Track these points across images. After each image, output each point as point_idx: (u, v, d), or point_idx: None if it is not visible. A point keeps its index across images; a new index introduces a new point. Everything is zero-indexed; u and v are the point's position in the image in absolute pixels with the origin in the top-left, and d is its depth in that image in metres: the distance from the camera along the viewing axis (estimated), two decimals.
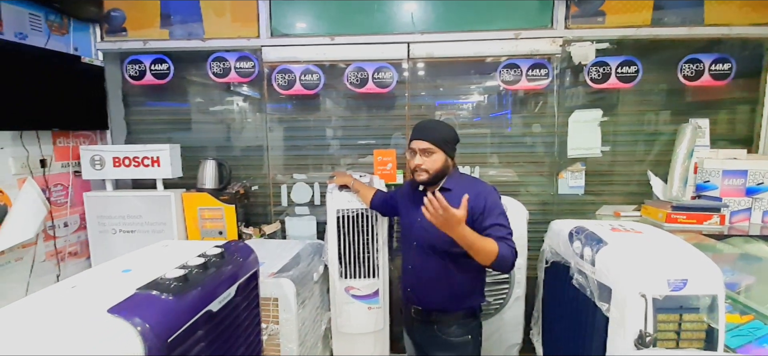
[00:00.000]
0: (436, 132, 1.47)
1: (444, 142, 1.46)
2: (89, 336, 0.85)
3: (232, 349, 1.24)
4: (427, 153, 1.44)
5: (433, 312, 1.50)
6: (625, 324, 1.07)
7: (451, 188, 1.47)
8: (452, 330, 1.47)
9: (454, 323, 1.47)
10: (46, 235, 2.06)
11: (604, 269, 1.16)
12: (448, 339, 1.47)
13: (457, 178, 1.51)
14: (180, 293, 1.01)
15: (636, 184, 2.35)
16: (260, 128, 2.49)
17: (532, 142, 2.40)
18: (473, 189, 1.41)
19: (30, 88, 1.87)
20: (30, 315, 0.92)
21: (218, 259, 1.24)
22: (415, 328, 1.61)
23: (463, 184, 1.46)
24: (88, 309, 0.93)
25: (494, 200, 1.41)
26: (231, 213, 2.25)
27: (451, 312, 1.48)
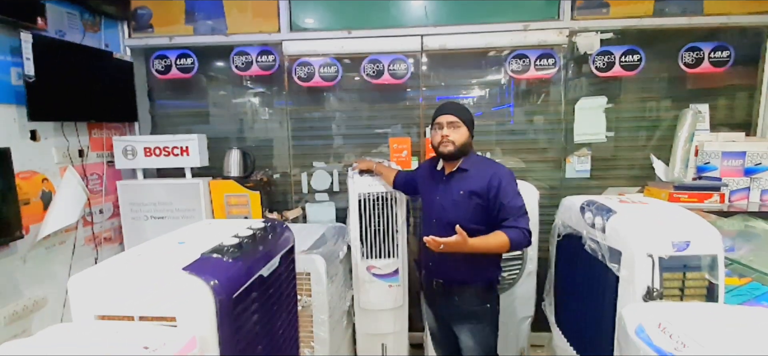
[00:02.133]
0: (462, 108, 1.60)
1: (468, 119, 1.60)
2: (172, 290, 0.98)
3: (277, 314, 1.37)
4: (454, 126, 1.56)
5: (454, 284, 1.62)
6: (635, 281, 1.19)
7: (467, 169, 1.58)
8: (471, 300, 1.59)
9: (473, 294, 1.59)
10: (84, 221, 2.18)
11: (614, 234, 1.28)
12: (469, 309, 1.60)
13: (474, 160, 1.61)
14: (238, 257, 1.13)
15: (639, 168, 2.47)
16: (281, 119, 2.61)
17: (540, 129, 2.52)
18: (488, 170, 1.53)
19: (70, 81, 1.99)
20: (114, 275, 1.05)
21: (263, 232, 1.37)
22: (436, 300, 1.74)
23: (479, 165, 1.58)
24: (164, 269, 1.05)
25: (508, 181, 1.50)
26: (256, 199, 2.37)
27: (470, 284, 1.59)
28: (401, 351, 2.30)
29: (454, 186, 1.58)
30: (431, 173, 1.73)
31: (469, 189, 1.53)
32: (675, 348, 0.92)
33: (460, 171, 1.59)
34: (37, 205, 1.90)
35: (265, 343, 1.26)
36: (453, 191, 1.58)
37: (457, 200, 1.56)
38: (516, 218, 1.45)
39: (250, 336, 1.15)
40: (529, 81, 2.46)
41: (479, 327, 1.61)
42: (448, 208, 1.58)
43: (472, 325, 1.61)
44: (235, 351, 1.06)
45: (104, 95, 2.22)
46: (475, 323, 1.61)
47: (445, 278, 1.64)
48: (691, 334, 0.93)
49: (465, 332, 1.62)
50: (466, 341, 1.62)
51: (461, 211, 1.53)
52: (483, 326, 1.61)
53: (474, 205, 1.53)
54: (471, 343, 1.61)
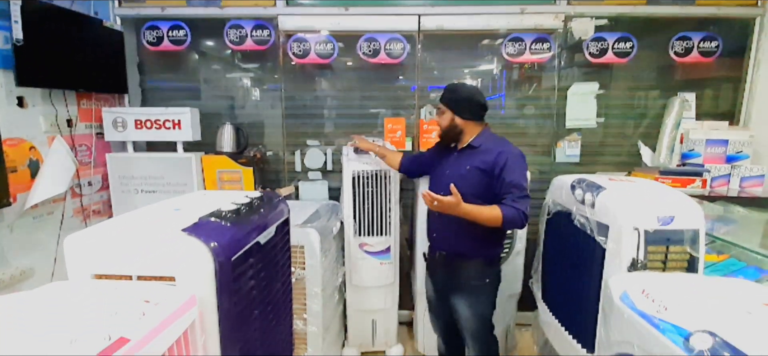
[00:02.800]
0: (448, 93, 1.66)
1: (454, 103, 1.63)
2: (171, 250, 0.99)
3: (272, 281, 1.39)
4: (440, 112, 1.65)
5: (455, 257, 1.67)
6: (621, 254, 1.24)
7: (478, 146, 1.61)
8: (471, 273, 1.64)
9: (474, 268, 1.64)
10: (73, 193, 2.15)
11: (603, 209, 1.33)
12: (468, 282, 1.65)
13: (486, 137, 1.63)
14: (236, 222, 1.14)
15: (627, 154, 2.54)
16: (275, 96, 2.58)
17: (531, 116, 2.55)
18: (497, 148, 1.56)
19: (59, 48, 1.94)
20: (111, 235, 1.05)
21: (259, 202, 1.37)
22: (437, 271, 1.78)
23: (490, 143, 1.60)
24: (162, 231, 1.05)
25: (514, 161, 1.52)
26: (249, 175, 2.36)
27: (470, 258, 1.64)
28: (391, 327, 2.35)
29: (463, 162, 1.63)
30: (441, 150, 1.79)
31: (476, 165, 1.57)
32: (657, 310, 0.96)
33: (471, 147, 1.63)
34: (24, 173, 1.86)
35: (261, 309, 1.28)
36: (461, 166, 1.62)
37: (464, 174, 1.60)
38: (515, 198, 1.47)
39: (246, 301, 1.16)
40: (521, 72, 2.50)
41: (478, 300, 1.66)
42: (455, 182, 1.60)
43: (470, 298, 1.66)
44: (232, 313, 1.08)
45: (93, 64, 2.17)
46: (475, 296, 1.66)
47: (448, 250, 1.69)
48: (672, 299, 0.98)
49: (463, 304, 1.67)
50: (463, 312, 1.67)
51: (466, 185, 1.55)
52: (481, 299, 1.67)
53: (479, 181, 1.57)
54: (468, 314, 1.66)
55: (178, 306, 0.85)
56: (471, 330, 1.70)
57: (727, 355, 0.75)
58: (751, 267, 1.40)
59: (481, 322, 1.68)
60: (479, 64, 2.56)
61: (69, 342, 0.63)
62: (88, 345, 0.63)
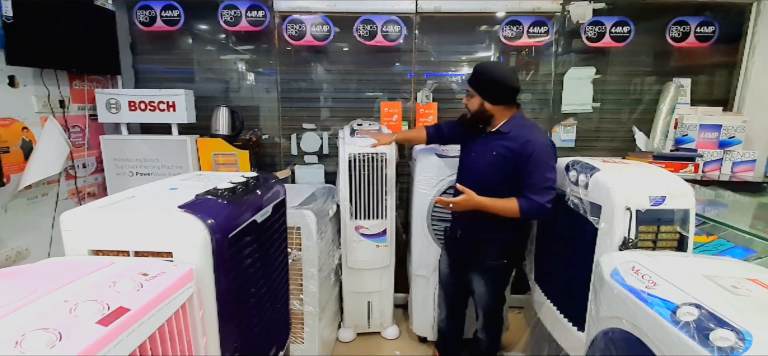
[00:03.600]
0: (476, 76, 1.61)
1: (482, 87, 1.59)
2: (169, 226, 0.99)
3: (269, 260, 1.40)
4: (469, 95, 1.64)
5: (474, 238, 1.69)
6: (613, 233, 1.26)
7: (507, 131, 1.57)
8: (490, 254, 1.67)
9: (492, 249, 1.67)
10: (67, 174, 2.14)
11: (596, 189, 1.35)
12: (485, 262, 1.69)
13: (516, 123, 1.58)
14: (232, 200, 1.15)
15: (621, 139, 2.56)
16: (270, 78, 2.56)
17: (527, 101, 2.56)
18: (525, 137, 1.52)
19: (50, 26, 1.90)
20: (108, 211, 1.05)
21: (255, 182, 1.38)
22: (455, 247, 1.82)
23: (519, 130, 1.55)
24: (160, 207, 1.06)
25: (540, 154, 1.47)
26: (245, 158, 2.36)
27: (489, 240, 1.66)
28: (386, 309, 2.38)
29: (490, 146, 1.60)
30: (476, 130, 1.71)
31: (502, 153, 1.55)
32: (646, 286, 0.99)
33: (499, 133, 1.60)
34: (17, 154, 1.85)
35: (258, 287, 1.29)
36: (488, 151, 1.61)
37: (490, 160, 1.59)
38: (535, 191, 1.47)
39: (243, 278, 1.17)
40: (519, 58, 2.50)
41: (493, 279, 1.72)
42: (480, 166, 1.63)
43: (486, 275, 1.71)
44: (229, 289, 1.09)
45: (85, 44, 2.13)
46: (491, 275, 1.71)
47: (467, 231, 1.72)
48: (661, 276, 1.00)
49: (478, 280, 1.73)
50: (478, 289, 1.74)
51: (491, 171, 1.59)
52: (497, 279, 1.72)
53: (504, 168, 1.56)
54: (483, 291, 1.73)
55: (175, 280, 0.86)
56: (484, 305, 1.77)
57: (712, 325, 0.77)
58: (738, 248, 1.43)
59: (493, 299, 1.74)
60: (476, 49, 2.55)
61: (68, 310, 0.64)
62: (88, 313, 0.64)
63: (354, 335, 2.39)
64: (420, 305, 2.28)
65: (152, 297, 0.76)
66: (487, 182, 1.58)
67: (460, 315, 1.99)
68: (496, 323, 1.84)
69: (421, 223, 2.13)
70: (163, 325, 0.80)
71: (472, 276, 1.75)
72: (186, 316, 0.90)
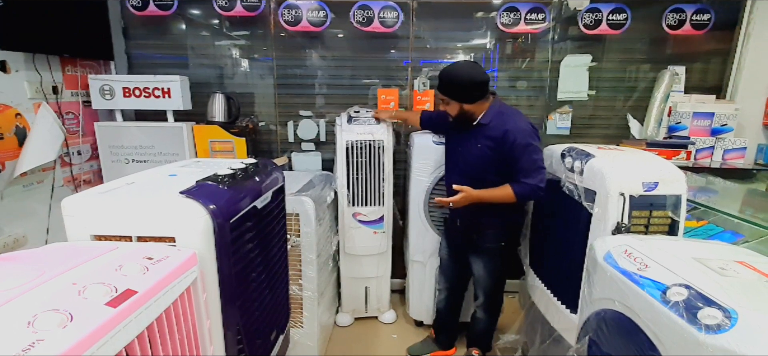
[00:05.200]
0: (447, 85, 1.64)
1: (454, 92, 1.64)
2: (171, 212, 1.00)
3: (269, 246, 1.41)
4: (446, 102, 1.67)
5: (473, 225, 1.75)
6: (606, 218, 1.29)
7: (487, 123, 1.64)
8: (489, 237, 1.74)
9: (491, 233, 1.73)
10: (62, 161, 2.12)
11: (591, 175, 1.37)
12: (485, 246, 1.76)
13: (495, 112, 1.64)
14: (233, 186, 1.15)
15: (616, 127, 2.59)
16: (266, 65, 2.54)
17: (523, 89, 2.57)
18: (504, 125, 1.58)
19: (39, 9, 1.87)
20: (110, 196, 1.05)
21: (255, 168, 1.38)
22: (454, 233, 1.90)
23: (498, 119, 1.62)
24: (161, 193, 1.06)
25: (522, 139, 1.55)
26: (241, 145, 2.35)
27: (488, 226, 1.72)
28: (384, 293, 2.42)
29: (475, 139, 1.67)
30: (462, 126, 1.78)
31: (486, 143, 1.62)
32: (638, 268, 1.02)
33: (480, 125, 1.66)
34: (11, 141, 1.83)
35: (258, 272, 1.31)
36: (473, 144, 1.67)
37: (477, 153, 1.66)
38: (526, 174, 1.55)
39: (244, 263, 1.19)
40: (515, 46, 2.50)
41: (493, 261, 1.78)
42: (469, 160, 1.70)
43: (486, 258, 1.78)
44: (231, 274, 1.10)
45: (77, 28, 2.09)
46: (490, 257, 1.78)
47: (467, 219, 1.77)
48: (652, 258, 1.04)
49: (478, 263, 1.80)
50: (478, 272, 1.82)
51: (480, 163, 1.65)
52: (496, 261, 1.79)
53: (491, 158, 1.63)
54: (483, 274, 1.80)
55: (179, 263, 0.87)
56: (484, 287, 1.84)
57: (700, 305, 0.80)
58: (728, 232, 1.47)
59: (493, 281, 1.82)
60: (473, 36, 2.54)
61: (77, 292, 0.65)
62: (96, 295, 0.65)
63: (352, 319, 2.43)
64: (417, 290, 2.31)
65: (158, 280, 0.77)
66: (478, 174, 1.65)
67: (459, 297, 2.07)
68: (496, 303, 1.92)
69: (417, 210, 2.16)
70: (169, 308, 0.81)
71: (473, 260, 1.82)
72: (191, 299, 0.92)
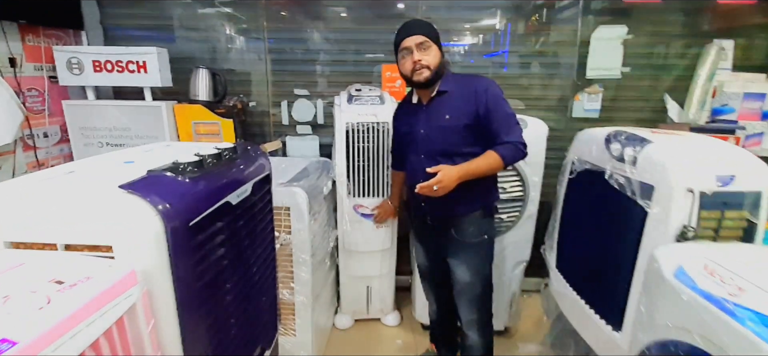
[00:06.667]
0: (428, 25, 1.39)
1: (436, 36, 1.40)
2: (107, 212, 0.75)
3: (250, 249, 1.17)
4: (425, 47, 1.36)
5: (448, 217, 1.46)
6: (668, 219, 1.03)
7: (447, 90, 1.40)
8: (470, 231, 1.45)
9: (471, 224, 1.44)
10: (24, 145, 1.87)
11: (648, 167, 1.11)
12: (465, 241, 1.46)
13: (452, 79, 1.42)
14: (197, 178, 0.90)
15: (650, 109, 2.30)
16: (258, 37, 2.26)
17: (546, 64, 2.28)
18: (471, 85, 1.36)
19: None
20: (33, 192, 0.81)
21: (231, 154, 1.13)
22: (428, 236, 1.59)
23: (460, 83, 1.40)
24: (98, 187, 0.81)
25: (494, 91, 1.34)
26: (229, 127, 2.09)
27: (466, 215, 1.44)
28: (387, 294, 2.19)
29: (437, 113, 1.40)
30: (407, 111, 1.54)
31: (455, 112, 1.36)
32: (729, 293, 0.76)
33: (440, 94, 1.40)
34: None
35: (236, 280, 1.07)
36: (437, 118, 1.40)
37: (444, 126, 1.38)
38: (507, 130, 1.32)
39: (214, 272, 0.95)
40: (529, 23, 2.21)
41: (476, 259, 1.48)
42: (435, 138, 1.41)
43: (468, 257, 1.48)
44: (194, 288, 0.86)
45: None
46: (472, 255, 1.48)
47: (440, 213, 1.48)
48: (747, 278, 0.78)
49: (461, 265, 1.49)
50: (461, 274, 1.49)
51: (450, 137, 1.37)
52: (481, 258, 1.49)
53: (463, 127, 1.36)
54: (467, 276, 1.49)
55: (105, 289, 0.62)
56: (470, 296, 1.51)
57: None
58: None
59: (482, 286, 1.50)
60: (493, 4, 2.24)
61: None
62: None
63: (352, 322, 2.20)
64: None
65: (59, 320, 0.53)
66: (451, 153, 1.37)
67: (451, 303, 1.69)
68: (488, 316, 1.58)
69: None
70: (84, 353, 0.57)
71: (453, 264, 1.51)
72: (124, 332, 0.68)
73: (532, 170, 1.79)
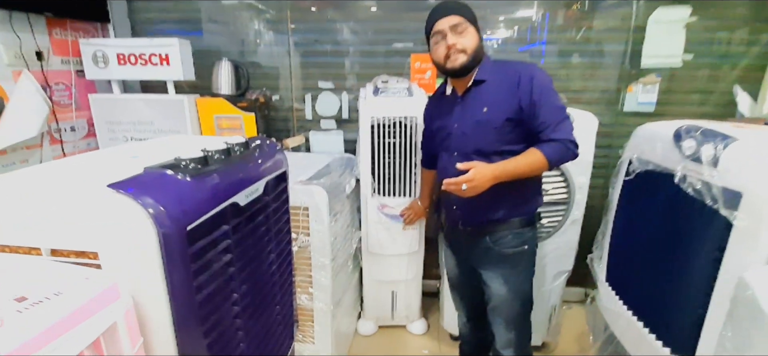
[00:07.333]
0: (463, 5, 1.22)
1: (473, 17, 1.22)
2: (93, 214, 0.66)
3: (262, 253, 1.07)
4: (460, 30, 1.19)
5: (486, 224, 1.29)
6: (760, 234, 0.83)
7: (485, 79, 1.22)
8: (507, 240, 1.28)
9: (510, 232, 1.27)
10: (52, 138, 1.88)
11: (733, 169, 0.90)
12: (502, 252, 1.29)
13: (491, 66, 1.24)
14: (199, 176, 0.80)
15: (714, 104, 2.02)
16: (282, 29, 2.18)
17: (593, 50, 2.04)
18: (514, 72, 1.18)
19: None
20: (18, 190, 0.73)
21: (242, 149, 1.03)
22: (461, 244, 1.43)
23: (500, 71, 1.22)
24: (86, 186, 0.73)
25: (542, 79, 1.16)
26: (251, 122, 2.02)
27: (504, 221, 1.27)
28: (413, 300, 2.05)
29: (474, 105, 1.23)
30: (440, 104, 1.37)
31: (495, 104, 1.19)
32: None
33: (477, 84, 1.23)
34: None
35: (246, 290, 0.97)
36: (473, 111, 1.23)
37: (481, 120, 1.21)
38: (554, 127, 1.14)
39: (219, 281, 0.85)
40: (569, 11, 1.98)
41: (515, 271, 1.31)
42: (471, 134, 1.24)
43: (506, 271, 1.31)
44: (193, 301, 0.76)
45: None
46: (510, 268, 1.31)
47: (474, 218, 1.31)
48: None
49: (497, 279, 1.32)
50: (497, 289, 1.32)
51: (488, 133, 1.20)
52: (519, 271, 1.32)
53: (503, 122, 1.18)
54: (504, 291, 1.31)
55: (77, 307, 0.53)
56: (506, 313, 1.34)
57: None
58: None
59: (520, 303, 1.33)
60: None
61: None
62: None
63: (375, 328, 2.09)
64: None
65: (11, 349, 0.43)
66: (489, 148, 1.20)
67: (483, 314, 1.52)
68: (527, 338, 1.41)
69: None
70: None
71: (487, 276, 1.34)
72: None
73: (578, 170, 1.59)
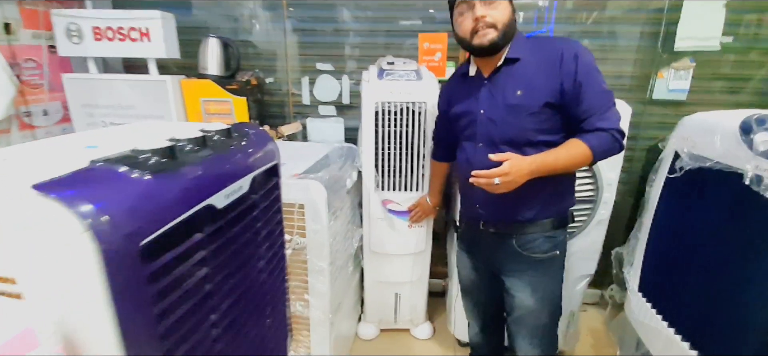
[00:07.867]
0: None
1: None
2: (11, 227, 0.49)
3: (248, 262, 0.90)
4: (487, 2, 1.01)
5: (513, 224, 1.13)
6: None
7: (519, 57, 1.05)
8: (538, 244, 1.12)
9: (541, 235, 1.11)
10: (21, 123, 1.70)
11: None
12: (530, 256, 1.13)
13: (525, 43, 1.07)
14: (163, 172, 0.62)
15: (753, 92, 1.84)
16: (277, 4, 1.98)
17: (618, 32, 1.85)
18: (553, 48, 1.02)
19: None
20: None
21: (222, 138, 0.85)
22: (480, 246, 1.26)
23: (536, 47, 1.05)
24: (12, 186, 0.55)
25: (587, 58, 1.00)
26: (241, 106, 1.84)
27: (534, 222, 1.11)
28: (419, 302, 1.90)
29: (505, 87, 1.06)
30: (462, 86, 1.19)
31: (531, 86, 1.02)
32: None
33: (510, 62, 1.06)
34: None
35: (228, 306, 0.80)
36: (505, 94, 1.06)
37: (514, 104, 1.04)
38: (601, 114, 0.98)
39: (192, 302, 0.68)
40: None
41: (544, 280, 1.16)
42: (500, 121, 1.06)
43: (535, 278, 1.15)
44: (155, 332, 0.60)
45: None
46: (540, 275, 1.15)
47: (500, 218, 1.15)
48: None
49: (524, 288, 1.17)
50: (524, 298, 1.17)
51: (522, 120, 1.03)
52: (549, 278, 1.17)
53: (542, 107, 1.02)
54: (531, 302, 1.16)
55: None
56: (532, 326, 1.20)
57: None
58: None
59: (548, 314, 1.18)
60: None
61: None
62: None
63: (377, 332, 1.94)
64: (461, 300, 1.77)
65: None
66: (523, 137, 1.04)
67: (498, 323, 1.42)
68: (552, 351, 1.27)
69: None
70: None
71: (511, 283, 1.19)
72: None
73: (607, 164, 1.42)
